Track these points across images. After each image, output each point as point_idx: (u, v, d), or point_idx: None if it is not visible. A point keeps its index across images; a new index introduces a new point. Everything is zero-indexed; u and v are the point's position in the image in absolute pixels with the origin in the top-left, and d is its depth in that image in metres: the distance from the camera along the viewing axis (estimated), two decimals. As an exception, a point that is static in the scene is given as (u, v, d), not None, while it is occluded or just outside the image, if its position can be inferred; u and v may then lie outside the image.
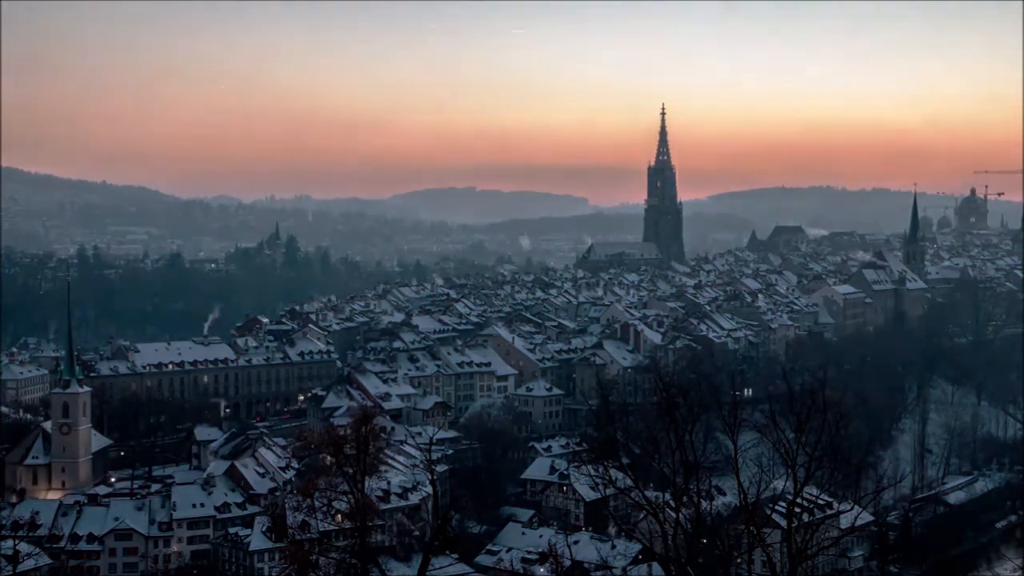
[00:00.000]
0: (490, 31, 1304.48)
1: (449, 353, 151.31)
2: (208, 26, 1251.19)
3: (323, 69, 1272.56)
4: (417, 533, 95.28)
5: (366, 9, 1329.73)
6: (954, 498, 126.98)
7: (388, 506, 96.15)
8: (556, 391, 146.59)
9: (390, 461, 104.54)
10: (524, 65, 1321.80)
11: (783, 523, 37.57)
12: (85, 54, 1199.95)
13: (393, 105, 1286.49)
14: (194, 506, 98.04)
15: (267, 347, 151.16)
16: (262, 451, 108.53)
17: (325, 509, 50.06)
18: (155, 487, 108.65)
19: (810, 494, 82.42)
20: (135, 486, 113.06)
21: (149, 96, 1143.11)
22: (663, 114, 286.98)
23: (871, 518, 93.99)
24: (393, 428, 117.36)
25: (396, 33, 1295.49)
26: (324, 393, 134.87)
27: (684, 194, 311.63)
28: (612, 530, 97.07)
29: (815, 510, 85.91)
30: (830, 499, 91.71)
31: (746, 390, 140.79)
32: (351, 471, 45.69)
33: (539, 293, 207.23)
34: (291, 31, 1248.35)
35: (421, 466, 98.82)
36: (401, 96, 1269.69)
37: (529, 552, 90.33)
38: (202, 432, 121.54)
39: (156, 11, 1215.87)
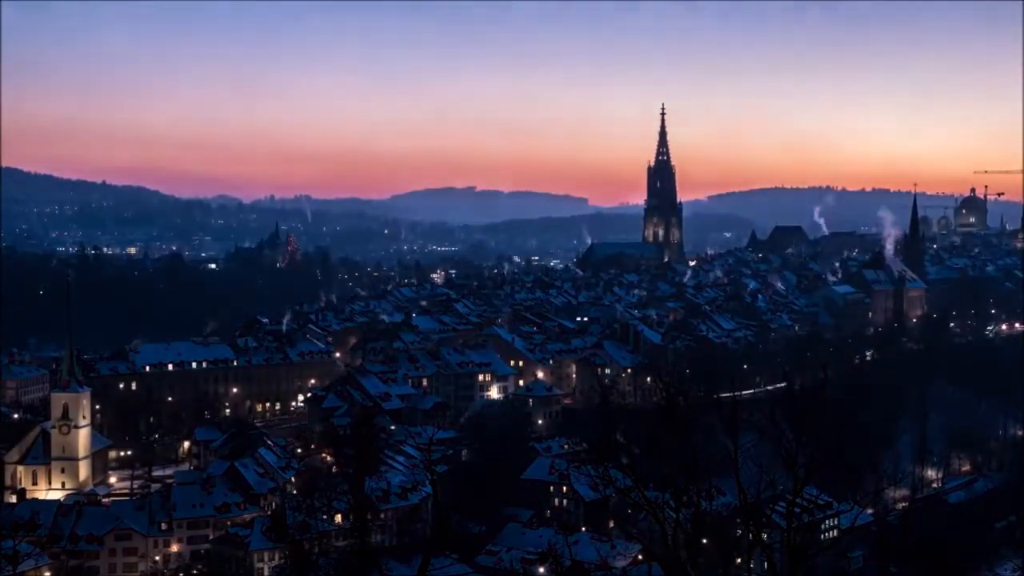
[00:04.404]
0: (489, 32, 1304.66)
1: (449, 353, 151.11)
2: (207, 26, 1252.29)
3: (323, 68, 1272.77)
4: (417, 533, 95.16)
5: (367, 9, 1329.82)
6: (954, 498, 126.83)
7: (388, 506, 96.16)
8: (556, 391, 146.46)
9: (390, 461, 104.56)
10: (523, 65, 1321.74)
11: (783, 523, 37.55)
12: (85, 55, 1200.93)
13: (393, 105, 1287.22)
14: (194, 506, 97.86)
15: (267, 347, 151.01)
16: (262, 451, 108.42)
17: (325, 509, 50.20)
18: (155, 487, 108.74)
19: (810, 494, 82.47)
20: (135, 486, 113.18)
21: (149, 96, 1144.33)
22: (663, 114, 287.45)
23: (871, 518, 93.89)
24: (393, 428, 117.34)
25: (396, 34, 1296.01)
26: (324, 393, 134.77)
27: (684, 194, 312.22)
28: (612, 529, 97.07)
29: (815, 510, 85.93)
30: (830, 499, 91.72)
31: (746, 390, 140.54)
32: (351, 471, 45.68)
33: (539, 293, 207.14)
34: (290, 31, 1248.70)
35: (421, 466, 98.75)
36: (401, 96, 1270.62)
37: (529, 552, 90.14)
38: (202, 432, 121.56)
39: (156, 12, 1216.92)
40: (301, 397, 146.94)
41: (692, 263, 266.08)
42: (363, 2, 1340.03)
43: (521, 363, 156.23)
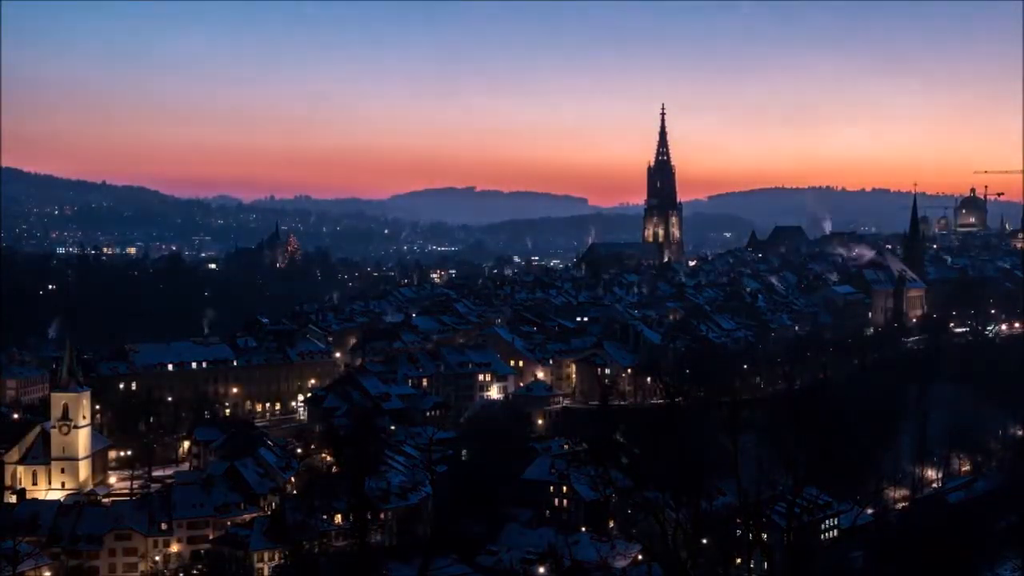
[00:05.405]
0: (486, 31, 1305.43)
1: (449, 353, 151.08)
2: (210, 26, 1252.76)
3: (323, 68, 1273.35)
4: (417, 533, 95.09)
5: (366, 9, 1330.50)
6: (954, 498, 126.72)
7: (388, 506, 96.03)
8: (556, 391, 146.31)
9: (390, 461, 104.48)
10: (522, 64, 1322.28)
11: (783, 523, 37.60)
12: (86, 55, 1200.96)
13: (394, 105, 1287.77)
14: (194, 506, 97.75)
15: (267, 347, 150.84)
16: (262, 451, 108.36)
17: (325, 509, 50.13)
18: (155, 487, 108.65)
19: (810, 494, 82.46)
20: (135, 486, 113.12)
21: (149, 96, 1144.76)
22: (663, 114, 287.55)
23: (871, 518, 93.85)
24: (393, 428, 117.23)
25: (395, 34, 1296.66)
26: (324, 393, 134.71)
27: (684, 194, 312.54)
28: (612, 529, 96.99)
29: (815, 510, 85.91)
30: (830, 499, 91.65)
31: (746, 391, 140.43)
32: (351, 471, 45.67)
33: (539, 293, 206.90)
34: (289, 31, 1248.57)
35: (421, 466, 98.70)
36: (400, 95, 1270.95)
37: (529, 552, 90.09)
38: (202, 432, 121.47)
39: (156, 12, 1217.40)
40: (301, 397, 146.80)
41: (692, 263, 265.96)
42: (362, 2, 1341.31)
43: (521, 363, 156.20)
